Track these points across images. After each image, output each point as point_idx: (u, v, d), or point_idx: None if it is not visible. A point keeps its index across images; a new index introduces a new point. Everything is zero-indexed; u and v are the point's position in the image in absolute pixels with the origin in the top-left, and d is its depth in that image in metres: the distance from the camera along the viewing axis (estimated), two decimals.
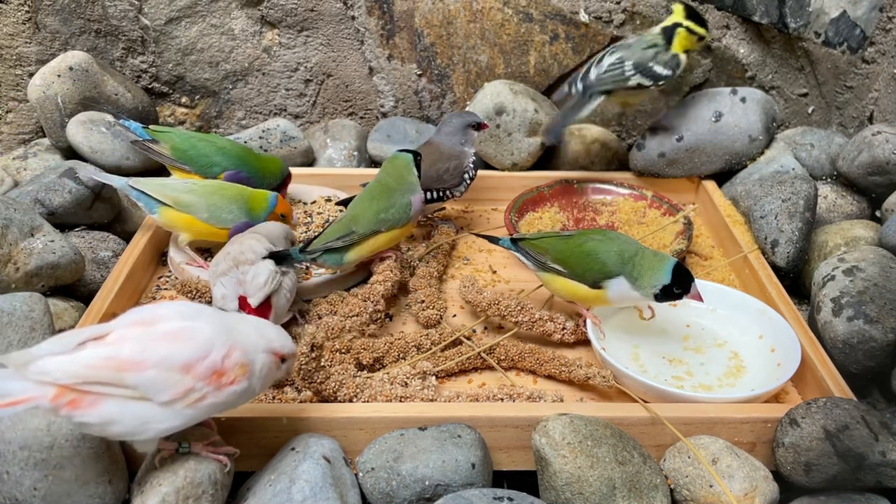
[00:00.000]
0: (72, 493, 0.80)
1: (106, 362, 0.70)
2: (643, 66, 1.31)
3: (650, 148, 1.43)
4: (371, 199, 1.12)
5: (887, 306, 1.01)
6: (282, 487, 0.80)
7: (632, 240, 1.04)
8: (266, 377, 0.80)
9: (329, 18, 1.54)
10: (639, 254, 1.00)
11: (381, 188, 1.14)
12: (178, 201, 1.16)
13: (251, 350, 0.77)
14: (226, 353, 0.75)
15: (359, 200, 1.14)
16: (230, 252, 1.04)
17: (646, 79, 1.31)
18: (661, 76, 1.32)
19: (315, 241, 1.09)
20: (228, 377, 0.75)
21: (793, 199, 1.24)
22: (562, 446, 0.83)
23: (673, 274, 0.98)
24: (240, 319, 0.81)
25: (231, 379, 0.75)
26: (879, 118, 1.50)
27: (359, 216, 1.10)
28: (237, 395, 0.77)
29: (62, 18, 1.49)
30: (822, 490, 0.87)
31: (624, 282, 1.00)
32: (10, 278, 1.04)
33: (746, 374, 1.03)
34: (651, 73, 1.31)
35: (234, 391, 0.76)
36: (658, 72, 1.31)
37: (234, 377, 0.75)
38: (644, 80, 1.32)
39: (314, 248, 1.07)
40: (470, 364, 1.05)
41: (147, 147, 1.28)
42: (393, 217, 1.11)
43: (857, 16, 1.45)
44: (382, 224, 1.10)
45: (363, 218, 1.10)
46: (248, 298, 0.98)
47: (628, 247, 1.02)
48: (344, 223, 1.10)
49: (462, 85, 1.60)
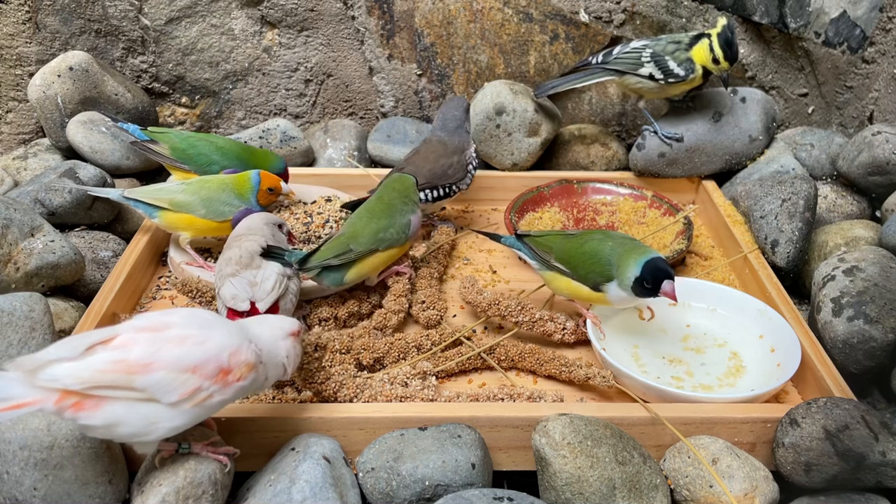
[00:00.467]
0: (72, 493, 0.80)
1: (115, 366, 0.71)
2: (660, 57, 1.32)
3: (650, 148, 1.43)
4: (371, 218, 1.10)
5: (887, 306, 1.01)
6: (282, 487, 0.80)
7: (630, 240, 1.04)
8: (294, 358, 0.85)
9: (329, 18, 1.54)
10: (623, 250, 1.00)
11: (381, 207, 1.11)
12: (174, 203, 1.16)
13: (271, 344, 0.81)
14: (233, 351, 0.76)
15: (357, 218, 1.11)
16: (231, 257, 1.03)
17: (657, 70, 1.32)
18: (672, 73, 1.32)
19: (313, 256, 1.05)
20: (234, 375, 0.76)
21: (793, 199, 1.24)
22: (562, 446, 0.83)
23: (644, 267, 0.96)
24: (251, 322, 0.83)
25: (237, 377, 0.76)
26: (879, 118, 1.50)
27: (358, 234, 1.08)
28: (244, 390, 0.78)
29: (62, 18, 1.49)
30: (822, 490, 0.87)
31: (614, 284, 1.00)
32: (10, 278, 1.04)
33: (746, 374, 1.03)
34: (664, 66, 1.32)
35: (242, 387, 0.77)
36: (670, 67, 1.32)
37: (239, 375, 0.76)
38: (655, 71, 1.33)
39: (312, 264, 1.05)
40: (470, 364, 1.05)
41: (146, 147, 1.28)
42: (391, 237, 1.09)
43: (857, 16, 1.45)
44: (381, 243, 1.08)
45: (362, 236, 1.07)
46: (256, 303, 0.98)
47: (623, 246, 1.01)
48: (342, 241, 1.07)
49: (462, 85, 1.60)
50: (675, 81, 1.33)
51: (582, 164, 1.53)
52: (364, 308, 1.14)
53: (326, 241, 1.08)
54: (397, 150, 1.53)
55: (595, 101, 1.61)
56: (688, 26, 1.52)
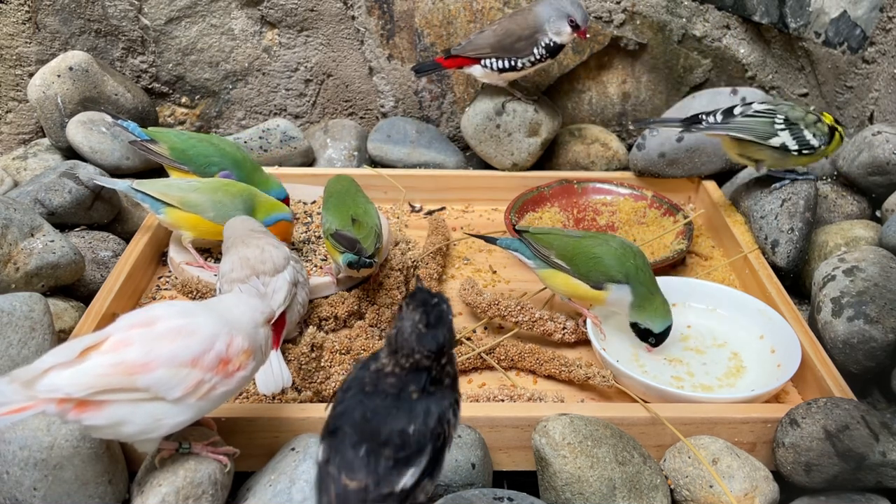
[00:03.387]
0: (72, 494, 0.80)
1: (114, 368, 0.70)
2: (796, 126, 1.22)
3: (650, 148, 1.43)
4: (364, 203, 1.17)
5: (887, 306, 1.01)
6: (282, 487, 0.80)
7: (651, 276, 1.04)
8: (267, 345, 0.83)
9: (329, 18, 1.54)
10: (653, 290, 1.03)
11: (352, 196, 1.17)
12: (184, 201, 1.15)
13: (251, 330, 0.79)
14: (229, 340, 0.76)
15: (355, 205, 1.16)
16: (249, 258, 1.00)
17: (793, 141, 1.22)
18: (810, 144, 1.22)
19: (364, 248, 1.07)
20: (234, 364, 0.76)
21: (793, 199, 1.24)
22: (562, 446, 0.83)
23: (664, 330, 1.03)
24: (229, 305, 0.81)
25: (237, 366, 0.76)
26: (879, 118, 1.50)
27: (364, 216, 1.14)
28: (246, 380, 0.78)
29: (62, 18, 1.49)
30: (822, 490, 0.87)
31: (628, 293, 1.02)
32: (10, 278, 1.04)
33: (747, 374, 1.03)
34: (801, 137, 1.21)
35: (243, 376, 0.77)
36: (808, 138, 1.22)
37: (239, 363, 0.76)
38: (790, 142, 1.22)
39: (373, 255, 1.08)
40: (470, 364, 1.05)
41: (145, 147, 1.27)
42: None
43: (857, 16, 1.45)
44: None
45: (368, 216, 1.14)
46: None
47: (651, 281, 1.03)
48: (367, 226, 1.11)
49: (462, 85, 1.60)
50: (808, 154, 1.23)
51: (582, 164, 1.53)
52: (364, 307, 1.14)
53: (352, 235, 1.08)
54: (397, 150, 1.53)
55: (595, 101, 1.61)
56: (688, 26, 1.52)
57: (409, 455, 0.63)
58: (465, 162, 1.57)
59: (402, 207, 1.46)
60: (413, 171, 1.50)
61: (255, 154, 1.47)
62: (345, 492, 0.62)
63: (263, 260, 1.00)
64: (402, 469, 0.63)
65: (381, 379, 0.65)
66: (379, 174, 1.46)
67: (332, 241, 1.09)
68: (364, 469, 0.62)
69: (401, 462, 0.63)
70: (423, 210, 1.46)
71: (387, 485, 0.62)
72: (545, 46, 1.35)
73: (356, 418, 0.64)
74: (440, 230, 1.32)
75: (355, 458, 0.63)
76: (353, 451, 0.63)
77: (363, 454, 0.63)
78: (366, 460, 0.62)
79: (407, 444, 0.63)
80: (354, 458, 0.63)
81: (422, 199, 1.48)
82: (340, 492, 0.62)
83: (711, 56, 1.55)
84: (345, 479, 0.62)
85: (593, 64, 1.58)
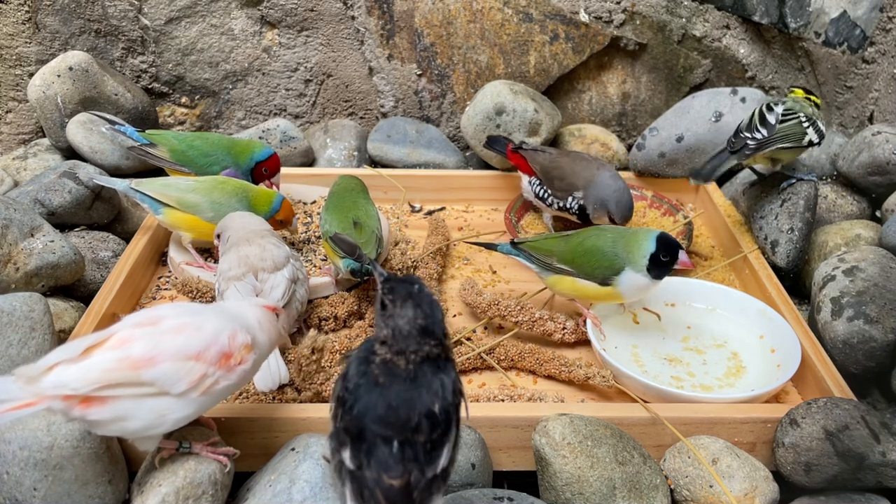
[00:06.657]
0: (72, 493, 0.80)
1: (120, 363, 0.71)
2: (813, 121, 1.20)
3: (650, 148, 1.43)
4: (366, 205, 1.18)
5: (887, 306, 1.01)
6: (282, 487, 0.80)
7: (625, 229, 1.05)
8: (270, 333, 0.82)
9: (329, 18, 1.54)
10: (626, 237, 1.01)
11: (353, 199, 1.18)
12: (182, 202, 1.15)
13: (254, 325, 0.80)
14: (232, 334, 0.76)
15: (355, 208, 1.16)
16: (248, 256, 1.01)
17: (815, 134, 1.20)
18: (822, 133, 1.21)
19: (367, 253, 1.07)
20: (236, 358, 0.76)
21: (793, 199, 1.24)
22: (562, 446, 0.83)
23: (657, 242, 0.99)
24: (232, 304, 0.83)
25: (238, 360, 0.77)
26: (879, 118, 1.50)
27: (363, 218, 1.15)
28: (247, 373, 0.79)
29: (62, 18, 1.49)
30: (822, 490, 0.87)
31: (629, 271, 1.00)
32: (10, 278, 1.04)
33: (746, 374, 1.03)
34: (818, 128, 1.20)
35: (244, 370, 0.78)
36: (821, 127, 1.20)
37: (240, 358, 0.77)
38: (814, 136, 1.19)
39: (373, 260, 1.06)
40: (470, 364, 1.05)
41: (145, 152, 1.27)
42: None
43: (857, 16, 1.45)
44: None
45: (370, 217, 1.16)
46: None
47: (623, 235, 1.02)
48: (368, 230, 1.11)
49: (462, 85, 1.60)
50: (816, 144, 1.21)
51: None
52: (364, 307, 1.14)
53: (352, 240, 1.08)
54: (397, 150, 1.53)
55: (595, 101, 1.61)
56: (688, 26, 1.52)
57: (441, 434, 0.63)
58: (465, 162, 1.57)
59: (402, 207, 1.46)
60: (413, 171, 1.50)
61: None
62: (391, 492, 0.61)
63: (263, 257, 1.01)
64: (438, 450, 0.63)
65: (392, 368, 0.64)
66: (379, 174, 1.46)
67: (331, 244, 1.08)
68: (402, 464, 0.62)
69: (435, 443, 0.63)
70: (423, 210, 1.46)
71: (430, 469, 0.62)
72: (579, 207, 1.27)
73: (380, 412, 0.62)
74: (440, 230, 1.32)
75: (390, 455, 0.62)
76: (387, 449, 0.62)
77: (397, 449, 0.62)
78: (401, 455, 0.62)
79: (436, 424, 0.63)
80: (389, 455, 0.62)
81: (422, 199, 1.48)
82: (386, 493, 0.61)
83: (711, 56, 1.55)
84: (386, 479, 0.61)
85: (593, 64, 1.58)
